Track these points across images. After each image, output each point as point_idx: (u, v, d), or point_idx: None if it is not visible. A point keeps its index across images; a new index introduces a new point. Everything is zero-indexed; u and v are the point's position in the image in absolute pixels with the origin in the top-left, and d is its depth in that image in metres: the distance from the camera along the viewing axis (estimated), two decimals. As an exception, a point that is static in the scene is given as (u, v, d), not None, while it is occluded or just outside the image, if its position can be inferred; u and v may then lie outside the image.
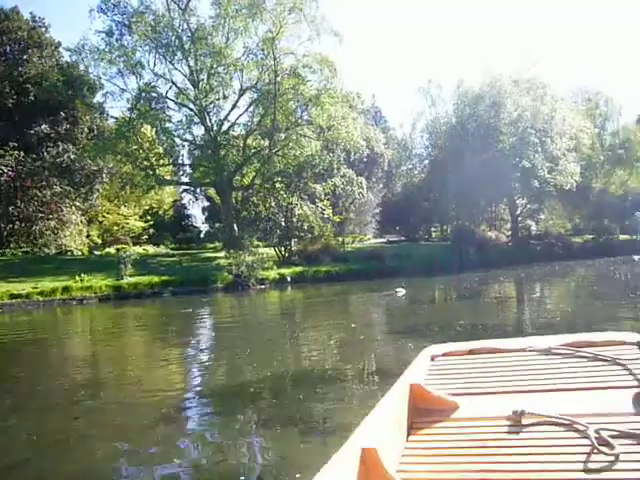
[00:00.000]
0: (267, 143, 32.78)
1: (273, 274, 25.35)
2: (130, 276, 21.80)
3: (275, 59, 30.67)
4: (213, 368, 8.83)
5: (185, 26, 32.04)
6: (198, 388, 7.38)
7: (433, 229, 46.98)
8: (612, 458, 1.82)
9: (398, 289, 19.10)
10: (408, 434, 2.29)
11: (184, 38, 31.73)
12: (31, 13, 37.72)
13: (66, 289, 19.40)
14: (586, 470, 1.79)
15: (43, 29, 37.75)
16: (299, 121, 32.73)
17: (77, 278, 20.47)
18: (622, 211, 46.02)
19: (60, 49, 37.50)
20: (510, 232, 44.25)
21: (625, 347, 2.92)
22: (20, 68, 35.28)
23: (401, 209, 43.63)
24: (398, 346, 9.22)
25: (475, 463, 1.95)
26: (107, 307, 19.26)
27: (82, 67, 34.06)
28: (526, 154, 38.36)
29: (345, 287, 24.13)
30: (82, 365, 9.83)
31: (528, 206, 44.42)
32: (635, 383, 2.47)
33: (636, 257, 33.48)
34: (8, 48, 35.51)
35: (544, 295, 18.35)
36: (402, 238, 44.94)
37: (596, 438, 1.93)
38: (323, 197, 32.89)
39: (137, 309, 19.03)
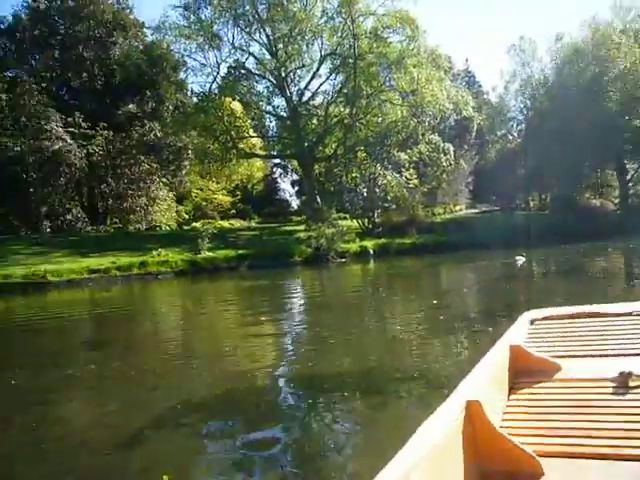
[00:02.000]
0: (349, 111, 31.50)
1: (354, 247, 24.20)
2: (208, 251, 21.46)
3: (353, 21, 29.13)
4: (300, 347, 8.16)
5: (260, -6, 31.10)
6: (288, 366, 7.02)
7: (531, 198, 43.84)
8: None
9: (518, 257, 17.83)
10: (509, 393, 2.29)
11: (260, 7, 30.85)
12: (115, -5, 38.21)
13: (143, 264, 19.30)
14: None
15: (127, 11, 38.22)
16: (382, 86, 31.10)
17: (154, 253, 20.40)
18: None
19: (144, 29, 37.86)
20: (618, 200, 40.36)
21: None
22: (108, 51, 35.99)
23: (496, 177, 40.73)
24: (501, 320, 7.92)
25: (579, 421, 1.94)
26: (183, 282, 19.02)
27: (164, 45, 34.21)
28: (637, 112, 34.52)
29: (432, 260, 22.66)
30: (171, 338, 9.59)
31: (640, 170, 40.12)
32: None
33: None
34: (96, 32, 36.17)
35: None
36: (496, 208, 42.25)
37: None
38: (408, 166, 31.21)
39: (214, 283, 18.65)
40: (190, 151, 35.95)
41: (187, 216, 42.43)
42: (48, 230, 29.98)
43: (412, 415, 4.42)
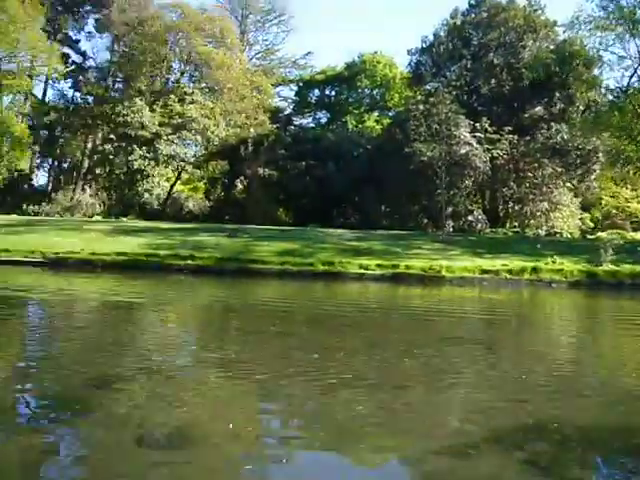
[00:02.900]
0: None
1: None
2: (611, 263, 19.29)
3: None
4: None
5: None
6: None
7: None
8: None
9: None
10: None
11: None
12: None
13: (535, 270, 18.59)
14: None
15: (539, 12, 37.69)
16: None
17: (549, 260, 19.46)
18: None
19: (555, 28, 36.74)
20: None
21: None
22: (518, 55, 36.14)
23: None
24: None
25: None
26: (578, 293, 17.60)
27: (577, 41, 32.46)
28: None
29: None
30: (557, 351, 9.25)
31: None
32: None
33: None
34: (506, 38, 36.73)
35: None
36: None
37: None
38: None
39: (615, 300, 16.81)
40: (601, 154, 33.33)
41: (593, 224, 39.54)
42: (451, 229, 31.97)
43: None
